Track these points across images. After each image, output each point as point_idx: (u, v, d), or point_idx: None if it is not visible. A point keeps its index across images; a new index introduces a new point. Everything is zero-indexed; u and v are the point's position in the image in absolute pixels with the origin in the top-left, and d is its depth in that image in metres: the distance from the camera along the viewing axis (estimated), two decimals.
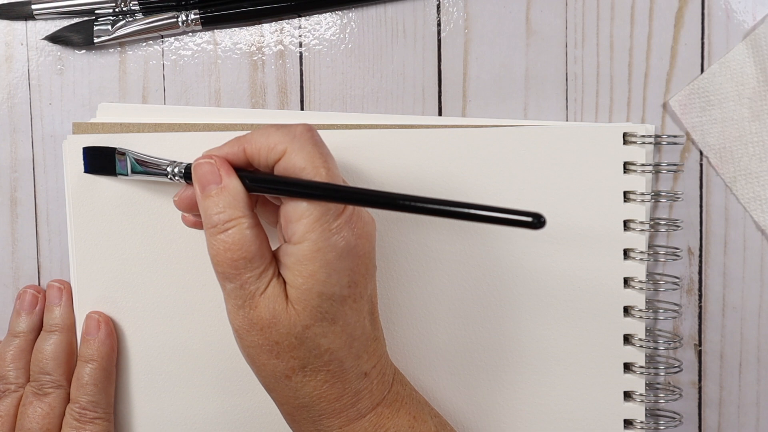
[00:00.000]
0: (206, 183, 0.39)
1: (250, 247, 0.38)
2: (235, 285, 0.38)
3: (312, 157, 0.37)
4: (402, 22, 0.48)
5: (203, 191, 0.39)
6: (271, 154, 0.38)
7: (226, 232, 0.38)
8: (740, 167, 0.47)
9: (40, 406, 0.45)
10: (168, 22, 0.47)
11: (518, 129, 0.47)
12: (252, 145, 0.39)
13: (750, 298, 0.48)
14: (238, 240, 0.38)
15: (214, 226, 0.38)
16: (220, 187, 0.38)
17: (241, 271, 0.38)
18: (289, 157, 0.37)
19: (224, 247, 0.38)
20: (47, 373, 0.45)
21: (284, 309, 0.38)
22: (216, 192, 0.38)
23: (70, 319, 0.47)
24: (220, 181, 0.39)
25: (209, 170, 0.39)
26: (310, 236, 0.37)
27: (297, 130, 0.38)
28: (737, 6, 0.47)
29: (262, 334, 0.38)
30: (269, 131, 0.38)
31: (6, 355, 0.46)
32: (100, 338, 0.46)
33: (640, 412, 0.47)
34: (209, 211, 0.38)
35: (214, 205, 0.38)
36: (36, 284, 0.48)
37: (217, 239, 0.38)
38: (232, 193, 0.38)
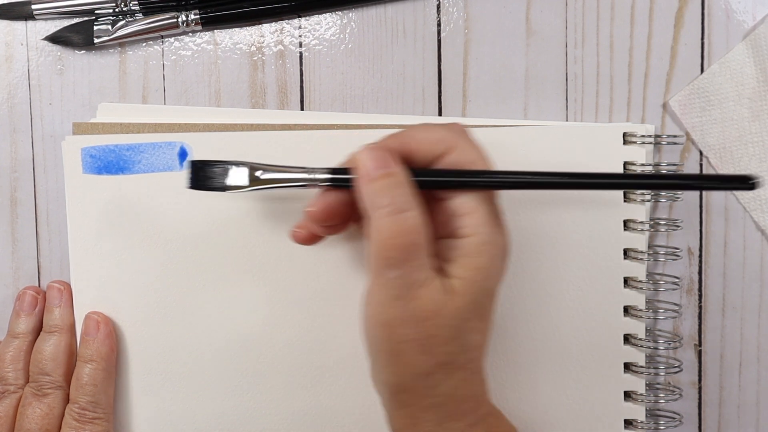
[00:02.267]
0: (377, 166, 0.37)
1: (423, 234, 0.37)
2: (400, 273, 0.36)
3: (480, 151, 0.38)
4: (402, 22, 0.48)
5: (373, 173, 0.37)
6: (436, 148, 0.38)
7: (403, 214, 0.36)
8: (740, 167, 0.47)
9: (39, 407, 0.45)
10: (168, 22, 0.47)
11: (518, 129, 0.47)
12: (415, 140, 0.38)
13: (750, 298, 0.48)
14: (413, 224, 0.36)
15: (387, 207, 0.37)
16: (389, 171, 0.37)
17: (410, 257, 0.36)
18: (460, 151, 0.38)
19: (398, 230, 0.36)
20: (46, 373, 0.45)
21: (447, 300, 0.36)
22: (388, 174, 0.37)
23: (69, 320, 0.47)
24: (389, 166, 0.38)
25: (380, 155, 0.38)
26: (481, 229, 0.37)
27: (457, 128, 0.39)
28: (737, 6, 0.47)
29: (417, 327, 0.36)
30: (431, 128, 0.39)
31: (5, 356, 0.46)
32: (100, 338, 0.46)
33: (640, 412, 0.47)
34: (383, 192, 0.37)
35: (388, 187, 0.37)
36: (36, 285, 0.48)
37: (391, 221, 0.36)
38: (402, 179, 0.37)
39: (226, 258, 0.46)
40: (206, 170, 0.40)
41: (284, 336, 0.47)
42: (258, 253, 0.46)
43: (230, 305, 0.47)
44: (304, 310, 0.47)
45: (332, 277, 0.46)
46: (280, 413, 0.47)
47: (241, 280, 0.46)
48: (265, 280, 0.46)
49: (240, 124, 0.47)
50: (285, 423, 0.47)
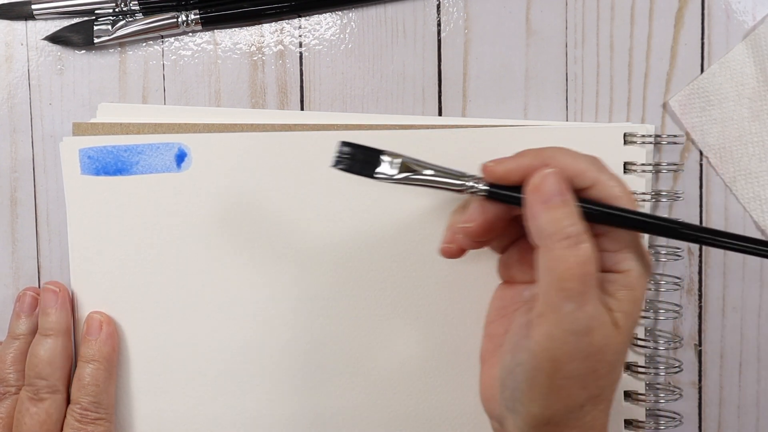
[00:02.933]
0: (557, 192, 0.36)
1: (596, 266, 0.36)
2: (576, 306, 0.35)
3: (623, 186, 0.37)
4: (402, 22, 0.48)
5: (550, 201, 0.36)
6: (578, 180, 0.37)
7: (583, 244, 0.35)
8: (740, 167, 0.47)
9: (38, 414, 0.44)
10: (168, 22, 0.47)
11: (518, 129, 0.47)
12: (557, 163, 0.37)
13: (750, 298, 0.48)
14: (591, 254, 0.35)
15: (569, 238, 0.35)
16: (566, 199, 0.36)
17: (588, 288, 0.35)
18: (604, 187, 0.37)
19: (581, 260, 0.35)
20: (43, 378, 0.45)
21: (614, 334, 0.36)
22: (564, 202, 0.36)
23: (66, 323, 0.46)
24: (566, 191, 0.37)
25: (556, 181, 0.37)
26: (637, 264, 0.37)
27: (600, 163, 0.38)
28: (737, 6, 0.47)
29: (585, 362, 0.36)
30: (575, 155, 0.38)
31: (6, 357, 0.46)
32: (102, 338, 0.46)
33: (640, 413, 0.47)
34: (563, 221, 0.36)
35: (567, 217, 0.36)
36: (35, 286, 0.48)
37: (572, 252, 0.35)
38: (575, 207, 0.36)
39: (226, 259, 0.46)
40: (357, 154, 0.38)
41: (284, 337, 0.47)
42: (258, 254, 0.46)
43: (230, 306, 0.47)
44: (305, 311, 0.47)
45: (332, 278, 0.46)
46: (281, 414, 0.47)
47: (241, 280, 0.46)
48: (265, 281, 0.46)
49: (240, 124, 0.47)
50: (285, 424, 0.47)
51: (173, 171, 0.46)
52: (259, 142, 0.46)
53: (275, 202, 0.46)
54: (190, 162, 0.46)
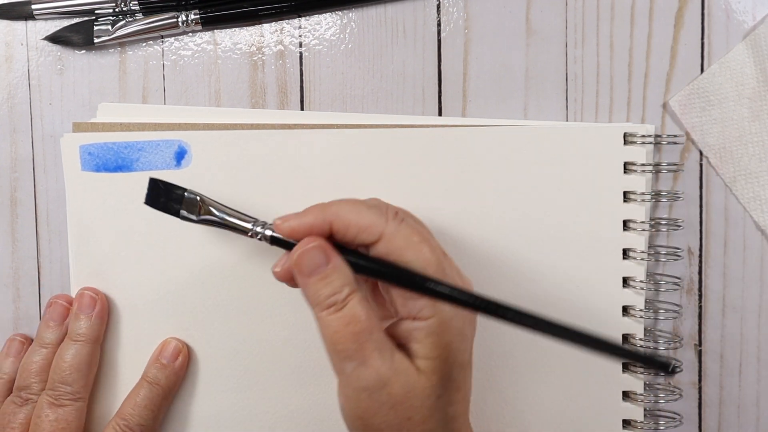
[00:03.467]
0: (314, 267, 0.37)
1: (370, 319, 0.36)
2: (358, 363, 0.36)
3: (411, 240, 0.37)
4: (402, 22, 0.48)
5: (311, 275, 0.37)
6: (364, 235, 0.37)
7: (344, 308, 0.36)
8: (740, 167, 0.47)
9: (57, 420, 0.43)
10: (168, 22, 0.47)
11: (518, 129, 0.47)
12: (341, 220, 0.37)
13: (750, 298, 0.48)
14: (357, 312, 0.36)
15: (330, 307, 0.36)
16: (330, 267, 0.37)
17: (364, 345, 0.36)
18: (387, 241, 0.37)
19: (344, 322, 0.36)
20: (67, 384, 0.44)
21: (417, 381, 0.36)
22: (326, 273, 0.37)
23: (98, 332, 0.46)
24: (328, 263, 0.37)
25: (317, 255, 0.37)
26: (440, 309, 0.36)
27: (390, 214, 0.37)
28: (737, 6, 0.47)
29: (392, 413, 0.36)
30: (360, 209, 0.37)
31: (31, 365, 0.45)
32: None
33: (638, 413, 0.47)
34: (321, 292, 0.37)
35: (327, 287, 0.37)
36: (66, 294, 0.47)
37: (335, 317, 0.36)
38: (342, 270, 0.37)
39: (225, 256, 0.46)
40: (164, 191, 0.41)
41: (283, 334, 0.47)
42: (257, 251, 0.46)
43: (229, 303, 0.47)
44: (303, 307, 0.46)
45: None
46: (278, 411, 0.47)
47: (240, 278, 0.46)
48: (263, 278, 0.46)
49: (240, 124, 0.47)
50: (282, 421, 0.47)
51: (173, 168, 0.46)
52: (259, 140, 0.46)
53: (275, 199, 0.46)
54: (190, 159, 0.46)
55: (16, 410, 0.44)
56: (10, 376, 0.46)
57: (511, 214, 0.46)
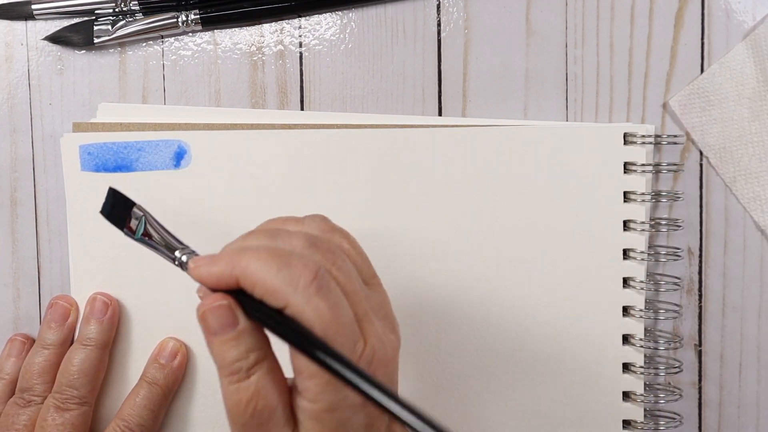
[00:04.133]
0: (220, 327, 0.34)
1: (275, 397, 0.34)
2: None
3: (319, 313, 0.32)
4: (402, 22, 0.48)
5: (216, 334, 0.34)
6: (270, 299, 0.33)
7: (248, 379, 0.33)
8: (740, 167, 0.47)
9: (63, 425, 0.43)
10: (168, 22, 0.47)
11: (518, 129, 0.47)
12: (247, 278, 0.33)
13: (750, 298, 0.48)
14: (262, 387, 0.33)
15: (234, 374, 0.33)
16: (238, 330, 0.33)
17: (263, 423, 0.33)
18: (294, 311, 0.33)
19: (247, 396, 0.33)
20: (75, 388, 0.44)
21: None
22: (233, 336, 0.33)
23: (108, 337, 0.45)
24: (236, 324, 0.33)
25: (222, 314, 0.34)
26: (324, 397, 0.33)
27: (303, 279, 0.33)
28: (737, 6, 0.47)
29: None
30: (269, 268, 0.33)
31: (33, 366, 0.45)
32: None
33: (638, 413, 0.47)
34: (226, 356, 0.33)
35: (232, 350, 0.33)
36: (67, 294, 0.47)
37: (238, 388, 0.33)
38: (252, 335, 0.34)
39: None
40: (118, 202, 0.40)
41: None
42: None
43: None
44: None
45: None
46: None
47: None
48: None
49: (240, 124, 0.47)
50: None
51: (173, 168, 0.46)
52: (259, 140, 0.46)
53: (275, 199, 0.46)
54: (189, 159, 0.46)
55: (20, 412, 0.44)
56: (12, 376, 0.46)
57: (511, 214, 0.46)
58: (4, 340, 0.48)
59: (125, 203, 0.40)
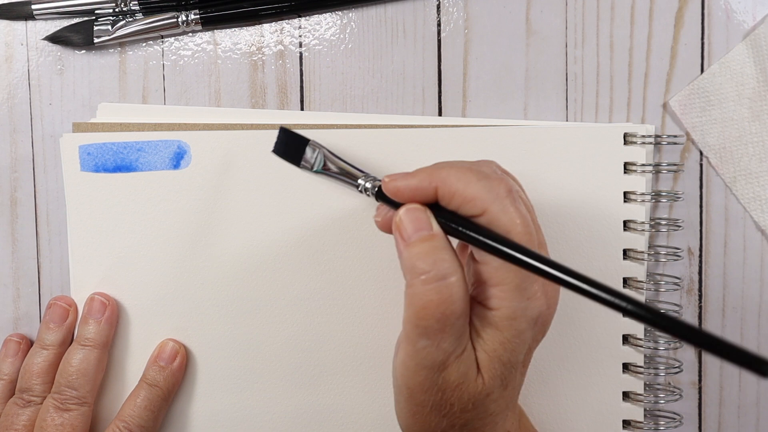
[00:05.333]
0: (415, 229, 0.36)
1: (462, 304, 0.35)
2: (431, 342, 0.35)
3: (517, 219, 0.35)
4: (402, 22, 0.48)
5: (411, 238, 0.36)
6: (467, 206, 0.35)
7: (443, 281, 0.35)
8: (740, 167, 0.47)
9: (62, 425, 0.43)
10: (168, 22, 0.47)
11: (518, 129, 0.47)
12: (447, 187, 0.36)
13: (750, 298, 0.48)
14: (455, 293, 0.34)
15: (427, 274, 0.35)
16: (431, 234, 0.36)
17: (446, 328, 0.35)
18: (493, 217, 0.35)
19: (438, 299, 0.34)
20: (74, 388, 0.44)
21: (474, 376, 0.36)
22: (425, 239, 0.35)
23: (107, 337, 0.45)
24: (430, 228, 0.36)
25: (419, 216, 0.36)
26: (507, 304, 0.35)
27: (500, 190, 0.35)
28: (737, 6, 0.47)
29: (439, 395, 0.36)
30: (469, 179, 0.35)
31: (33, 367, 0.45)
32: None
33: (638, 413, 0.47)
34: (422, 259, 0.35)
35: (428, 254, 0.35)
36: (66, 295, 0.47)
37: (430, 289, 0.34)
38: (443, 242, 0.36)
39: (225, 256, 0.46)
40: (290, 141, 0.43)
41: (283, 334, 0.47)
42: (257, 252, 0.46)
43: (229, 304, 0.47)
44: (303, 308, 0.47)
45: (331, 276, 0.46)
46: (278, 411, 0.47)
47: (239, 278, 0.46)
48: (264, 278, 0.46)
49: (240, 124, 0.47)
50: (283, 421, 0.47)
51: (172, 168, 0.46)
52: (259, 140, 0.46)
53: (275, 199, 0.46)
54: (189, 159, 0.46)
55: (19, 412, 0.44)
56: (10, 377, 0.46)
57: None
58: (3, 340, 0.48)
59: (299, 140, 0.43)
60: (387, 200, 0.39)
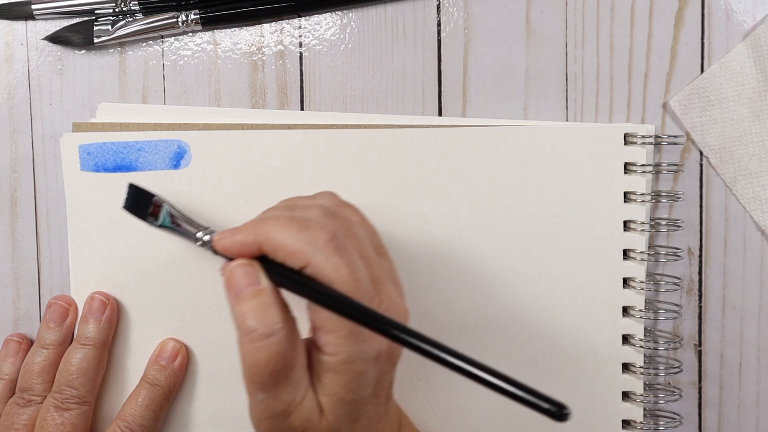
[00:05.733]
0: (242, 286, 0.36)
1: (294, 357, 0.35)
2: (269, 395, 0.36)
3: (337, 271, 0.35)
4: (402, 22, 0.48)
5: (239, 295, 0.36)
6: (291, 260, 0.35)
7: (270, 338, 0.35)
8: (740, 167, 0.47)
9: (63, 424, 0.43)
10: (168, 22, 0.47)
11: (518, 129, 0.47)
12: (269, 242, 0.36)
13: (750, 298, 0.48)
14: (281, 350, 0.35)
15: (253, 332, 0.35)
16: (258, 289, 0.36)
17: (280, 381, 0.35)
18: (314, 269, 0.35)
19: (267, 356, 0.35)
20: (74, 387, 0.44)
21: (318, 419, 0.36)
22: (253, 295, 0.36)
23: (106, 336, 0.45)
24: (258, 284, 0.36)
25: (246, 272, 0.36)
26: (342, 349, 0.35)
27: (320, 240, 0.35)
28: (737, 6, 0.47)
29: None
30: (290, 231, 0.35)
31: (33, 366, 0.45)
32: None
33: (638, 413, 0.47)
34: (248, 315, 0.35)
35: (254, 311, 0.35)
36: (66, 294, 0.47)
37: (257, 347, 0.35)
38: (270, 297, 0.36)
39: None
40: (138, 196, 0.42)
41: None
42: None
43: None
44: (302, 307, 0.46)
45: None
46: None
47: None
48: None
49: (240, 124, 0.47)
50: None
51: (172, 168, 0.46)
52: (259, 140, 0.46)
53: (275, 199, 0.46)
54: (189, 159, 0.46)
55: (20, 411, 0.45)
56: (11, 376, 0.46)
57: (511, 214, 0.46)
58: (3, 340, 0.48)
59: (145, 196, 0.42)
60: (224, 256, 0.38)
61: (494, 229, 0.46)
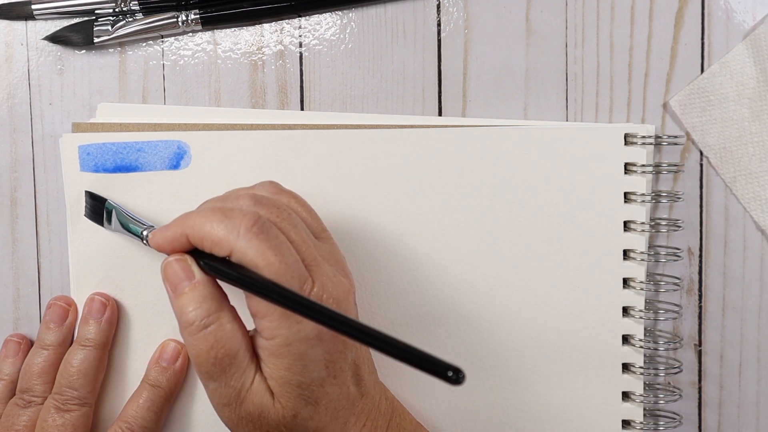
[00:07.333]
0: (178, 281, 0.37)
1: (233, 344, 0.37)
2: (219, 384, 0.37)
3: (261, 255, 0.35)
4: (402, 22, 0.48)
5: (176, 290, 0.37)
6: (216, 249, 0.36)
7: (206, 329, 0.37)
8: (740, 167, 0.47)
9: (63, 425, 0.43)
10: (168, 22, 0.47)
11: (518, 129, 0.47)
12: (195, 234, 0.37)
13: (750, 298, 0.48)
14: (220, 337, 0.36)
15: (192, 324, 0.37)
16: (194, 282, 0.37)
17: (226, 369, 0.37)
18: (239, 256, 0.36)
19: (207, 346, 0.36)
20: (74, 389, 0.44)
21: (271, 403, 0.37)
22: (189, 288, 0.37)
23: (107, 337, 0.45)
24: (192, 277, 0.37)
25: (180, 267, 0.37)
26: (279, 332, 0.36)
27: (241, 227, 0.36)
28: (737, 6, 0.47)
29: (252, 426, 0.38)
30: (212, 222, 0.36)
31: (33, 367, 0.45)
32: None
33: (638, 413, 0.47)
34: (185, 309, 0.37)
35: (190, 303, 0.37)
36: (66, 295, 0.47)
37: (197, 338, 0.37)
38: (207, 287, 0.37)
39: None
40: (94, 202, 0.45)
41: None
42: None
43: None
44: None
45: None
46: None
47: None
48: None
49: (240, 124, 0.47)
50: None
51: (172, 168, 0.46)
52: (259, 140, 0.46)
53: None
54: (189, 159, 0.46)
55: (20, 412, 0.44)
56: (11, 377, 0.46)
57: (511, 214, 0.46)
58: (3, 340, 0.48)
59: (99, 201, 0.44)
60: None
61: (494, 229, 0.46)
